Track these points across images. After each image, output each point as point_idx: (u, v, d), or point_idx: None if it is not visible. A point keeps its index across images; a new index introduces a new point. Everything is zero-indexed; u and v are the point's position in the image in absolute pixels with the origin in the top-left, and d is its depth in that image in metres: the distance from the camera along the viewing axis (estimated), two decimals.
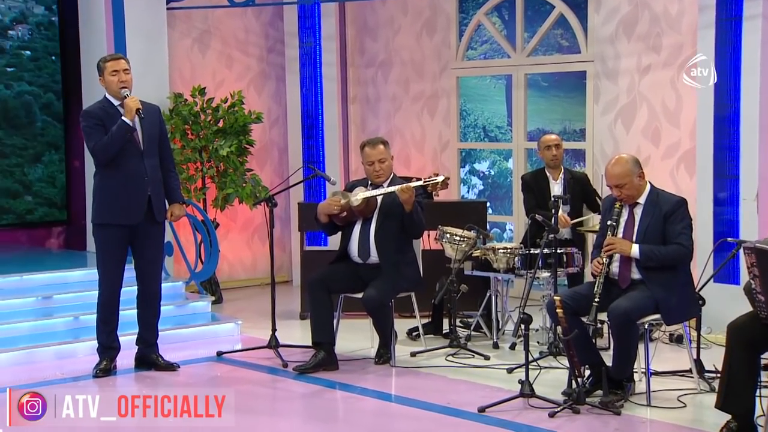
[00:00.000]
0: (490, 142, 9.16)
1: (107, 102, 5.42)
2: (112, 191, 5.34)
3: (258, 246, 9.04)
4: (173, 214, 5.61)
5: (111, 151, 5.28)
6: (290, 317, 7.27)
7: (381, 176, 5.79)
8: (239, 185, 7.87)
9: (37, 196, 8.59)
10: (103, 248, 5.40)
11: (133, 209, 5.36)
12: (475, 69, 8.54)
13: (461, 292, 6.18)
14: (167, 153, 5.61)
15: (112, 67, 5.39)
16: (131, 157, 5.35)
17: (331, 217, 5.76)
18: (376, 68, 9.05)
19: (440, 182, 5.65)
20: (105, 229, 5.37)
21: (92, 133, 5.33)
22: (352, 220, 5.79)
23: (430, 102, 8.69)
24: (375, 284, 5.61)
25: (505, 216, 8.78)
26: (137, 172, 5.36)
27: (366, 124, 9.16)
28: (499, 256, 6.17)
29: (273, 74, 9.12)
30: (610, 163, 4.94)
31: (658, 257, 4.79)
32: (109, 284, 5.42)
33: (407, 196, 5.53)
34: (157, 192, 5.45)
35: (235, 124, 7.93)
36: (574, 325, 4.79)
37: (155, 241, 5.53)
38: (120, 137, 5.28)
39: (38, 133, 8.64)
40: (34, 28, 8.61)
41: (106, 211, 5.36)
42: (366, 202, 5.67)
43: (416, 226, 5.69)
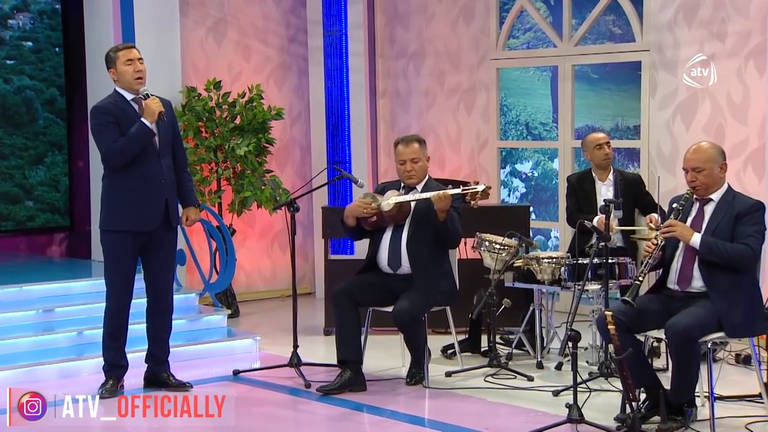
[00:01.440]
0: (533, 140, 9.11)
1: (119, 96, 5.42)
2: (127, 195, 5.35)
3: (278, 254, 9.07)
4: (189, 219, 5.63)
5: (127, 154, 5.29)
6: (313, 333, 7.27)
7: (412, 177, 5.78)
8: (258, 188, 7.90)
9: (39, 201, 8.67)
10: (113, 257, 5.41)
11: (150, 215, 5.37)
12: (517, 60, 8.51)
13: (502, 306, 6.14)
14: (180, 152, 5.62)
15: (126, 56, 5.39)
16: (148, 158, 5.36)
17: (360, 221, 5.76)
18: (408, 59, 9.05)
19: (480, 192, 5.59)
20: (116, 236, 5.39)
21: (105, 132, 5.30)
22: (382, 226, 5.78)
23: (466, 96, 8.67)
24: (407, 296, 5.59)
25: (550, 222, 8.72)
26: (154, 174, 5.37)
27: (396, 121, 9.15)
28: (543, 267, 6.13)
29: (295, 66, 9.15)
30: (691, 148, 4.97)
31: (720, 252, 4.76)
32: (118, 296, 5.45)
33: (443, 205, 5.52)
34: (172, 195, 5.48)
35: (254, 120, 7.96)
36: (627, 344, 4.75)
37: (168, 249, 5.55)
38: (139, 141, 5.29)
39: (40, 132, 8.73)
40: (36, 16, 8.70)
41: (120, 216, 5.36)
42: (399, 207, 5.66)
43: (451, 236, 5.66)
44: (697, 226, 4.93)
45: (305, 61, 9.09)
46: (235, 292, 8.21)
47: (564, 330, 5.11)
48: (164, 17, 7.90)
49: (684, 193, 5.00)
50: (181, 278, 7.53)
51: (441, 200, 5.50)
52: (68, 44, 8.71)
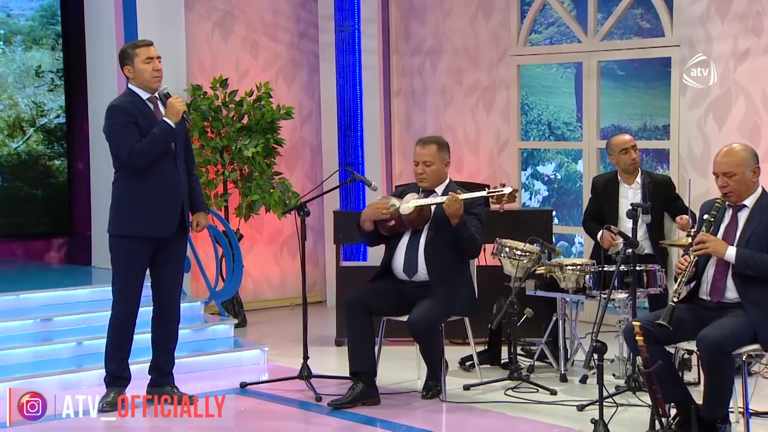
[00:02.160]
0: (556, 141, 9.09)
1: (135, 95, 5.43)
2: (144, 199, 5.36)
3: (287, 261, 9.07)
4: (199, 224, 5.65)
5: (150, 156, 5.30)
6: (324, 343, 7.28)
7: (423, 180, 5.78)
8: (266, 191, 7.91)
9: (36, 204, 8.69)
10: (124, 263, 5.42)
11: (168, 219, 5.40)
12: (539, 56, 8.49)
13: (523, 316, 6.13)
14: (190, 154, 5.65)
15: (146, 53, 5.41)
16: (165, 161, 5.39)
17: (377, 225, 5.75)
18: (424, 56, 9.04)
19: (507, 195, 5.56)
20: (129, 241, 5.40)
21: (126, 133, 5.30)
22: (400, 231, 5.77)
23: (486, 95, 8.66)
24: (423, 304, 5.59)
25: (574, 227, 8.70)
26: (172, 177, 5.40)
27: (411, 121, 9.15)
28: (567, 274, 6.12)
29: (305, 63, 9.16)
30: (721, 151, 4.93)
31: (758, 265, 4.73)
32: (127, 304, 5.46)
33: (453, 209, 5.49)
34: (186, 199, 5.51)
35: (262, 120, 7.97)
36: (656, 356, 4.73)
37: (179, 255, 5.58)
38: (163, 142, 5.31)
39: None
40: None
41: (135, 221, 5.37)
42: (419, 210, 5.66)
43: (467, 244, 5.62)
44: (731, 234, 4.89)
45: (316, 58, 9.10)
46: (243, 301, 8.22)
47: (589, 341, 5.09)
48: (168, 11, 7.92)
49: (715, 200, 4.96)
50: (185, 286, 7.52)
51: (451, 204, 5.48)
52: (67, 38, 8.73)
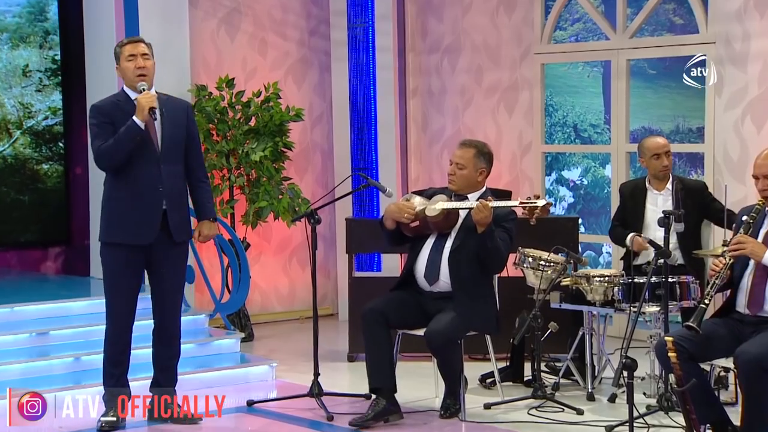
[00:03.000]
0: (582, 144, 9.07)
1: (123, 96, 5.47)
2: (121, 204, 5.39)
3: (297, 271, 9.07)
4: (201, 234, 5.63)
5: (116, 157, 5.32)
6: (336, 359, 7.27)
7: (452, 183, 5.79)
8: (274, 197, 7.91)
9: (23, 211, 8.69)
10: (111, 273, 5.45)
11: (144, 226, 5.39)
12: (564, 54, 8.48)
13: (547, 331, 6.11)
14: (198, 160, 5.64)
15: (129, 50, 5.44)
16: (145, 163, 5.39)
17: (400, 225, 5.75)
18: (442, 54, 9.04)
19: (540, 207, 5.53)
20: (113, 249, 5.42)
21: (98, 133, 5.37)
22: (425, 233, 5.77)
23: (507, 95, 8.65)
24: (442, 317, 5.58)
25: (602, 236, 8.67)
26: (151, 181, 5.39)
27: (429, 123, 9.14)
28: (594, 286, 6.10)
29: (316, 62, 9.17)
30: (762, 153, 4.96)
31: None
32: (118, 317, 5.47)
33: (481, 216, 5.49)
34: (176, 206, 5.48)
35: (270, 122, 7.99)
36: (691, 373, 4.71)
37: (175, 267, 5.56)
38: (126, 141, 5.31)
39: None
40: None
41: (115, 227, 5.40)
42: (445, 214, 5.65)
43: (491, 257, 5.59)
44: None
45: (327, 57, 9.11)
46: (249, 314, 8.23)
47: (618, 357, 5.06)
48: (171, 8, 7.94)
49: (755, 204, 4.95)
50: (189, 298, 7.55)
51: (479, 211, 5.48)
52: (65, 36, 8.76)
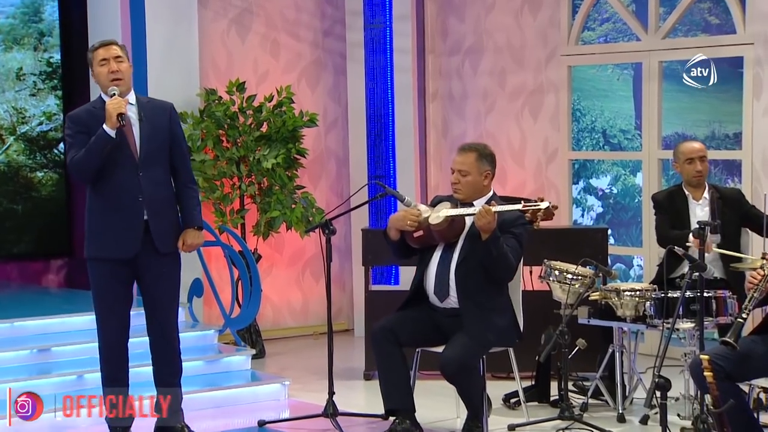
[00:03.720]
0: (612, 151, 9.05)
1: (99, 103, 5.44)
2: (101, 216, 5.38)
3: (311, 285, 9.07)
4: (185, 243, 5.54)
5: (88, 167, 5.30)
6: (352, 377, 7.28)
7: (457, 191, 5.74)
8: (287, 207, 7.92)
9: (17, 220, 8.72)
10: (97, 289, 5.45)
11: (125, 238, 5.37)
12: (592, 56, 8.46)
13: (575, 348, 6.09)
14: (183, 163, 5.58)
15: (101, 55, 5.41)
16: (123, 172, 5.36)
17: (404, 235, 5.73)
18: (463, 56, 9.04)
19: (542, 210, 5.47)
20: (98, 264, 5.41)
21: (73, 143, 5.36)
22: (431, 244, 5.74)
23: (532, 99, 8.64)
24: (455, 341, 5.52)
25: (632, 247, 8.64)
26: (130, 190, 5.36)
27: (449, 128, 9.13)
28: (624, 301, 6.08)
29: (330, 64, 9.18)
30: None
31: None
32: (107, 333, 5.47)
33: (484, 222, 5.43)
34: (159, 214, 5.43)
35: (283, 128, 7.99)
36: (728, 394, 4.68)
37: (165, 279, 5.51)
38: (97, 152, 5.27)
39: None
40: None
41: (96, 241, 5.39)
42: (449, 222, 5.61)
43: (497, 263, 5.53)
44: None
45: (343, 59, 9.12)
46: (261, 329, 8.23)
47: (650, 377, 5.04)
48: (180, 8, 7.97)
49: None
50: (197, 312, 7.56)
51: (482, 216, 5.42)
52: (67, 38, 8.79)
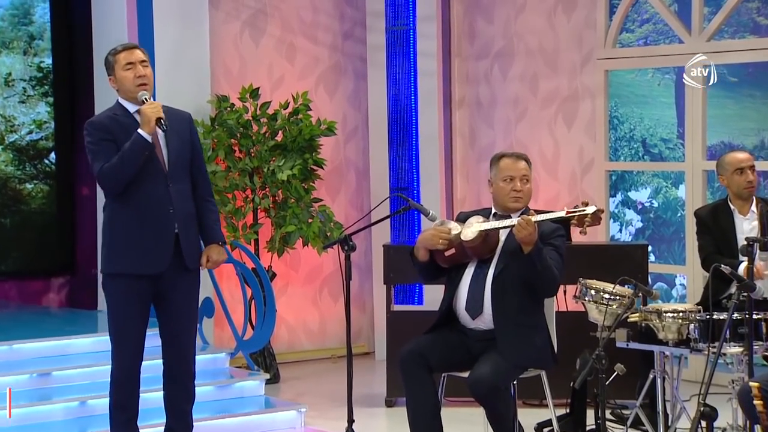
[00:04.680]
0: (652, 161, 9.02)
1: (121, 109, 5.48)
2: (127, 229, 5.39)
3: (328, 305, 9.07)
4: (210, 259, 5.61)
5: (123, 176, 5.33)
6: (372, 403, 7.28)
7: (520, 201, 5.70)
8: (303, 221, 7.92)
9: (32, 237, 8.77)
10: (116, 307, 5.45)
11: (155, 253, 5.39)
12: (631, 59, 8.45)
13: (613, 373, 6.06)
14: (202, 176, 5.64)
15: (126, 58, 5.44)
16: (152, 183, 5.40)
17: (434, 255, 5.72)
18: (492, 60, 9.03)
19: (590, 215, 5.50)
20: (118, 280, 5.43)
21: (99, 152, 5.36)
22: (463, 262, 5.73)
23: (566, 106, 8.62)
24: (486, 359, 5.51)
25: (675, 265, 8.61)
26: (160, 201, 5.40)
27: (477, 137, 9.13)
28: (666, 323, 6.05)
29: (350, 69, 9.20)
30: None
31: None
32: (125, 356, 5.47)
33: (525, 234, 5.41)
34: (187, 229, 5.48)
35: (299, 137, 8.01)
36: None
37: (187, 297, 5.56)
38: (135, 158, 5.31)
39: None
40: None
41: (120, 256, 5.40)
42: (483, 237, 5.60)
43: (540, 279, 5.54)
44: None
45: (363, 63, 9.14)
46: (275, 352, 8.23)
47: (695, 405, 5.00)
48: (190, 9, 8.00)
49: None
50: (207, 334, 7.56)
51: (523, 228, 5.40)
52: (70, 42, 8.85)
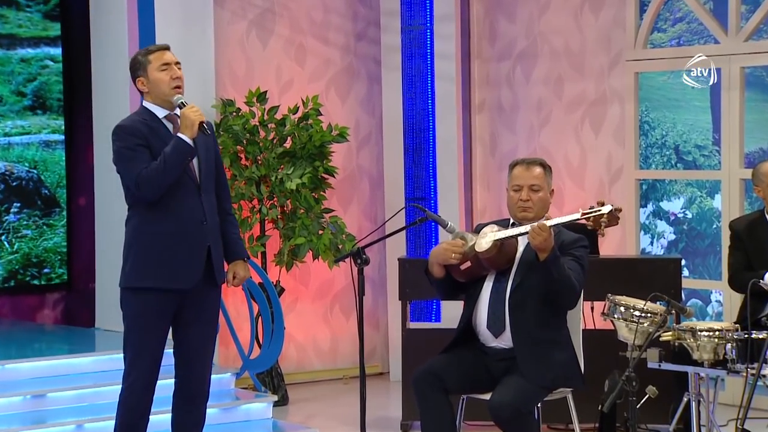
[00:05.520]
0: (685, 169, 9.00)
1: (148, 114, 5.46)
2: (160, 241, 5.37)
3: (340, 322, 9.07)
4: (237, 276, 5.62)
5: (165, 182, 5.31)
6: (387, 427, 7.28)
7: (528, 211, 5.68)
8: (314, 233, 7.93)
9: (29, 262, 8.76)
10: (138, 324, 5.42)
11: (187, 267, 5.39)
12: (663, 61, 8.43)
13: (645, 396, 6.04)
14: (224, 188, 5.66)
15: (161, 59, 5.44)
16: (184, 192, 5.39)
17: (449, 270, 5.71)
18: (514, 61, 9.03)
19: (606, 214, 5.49)
20: (145, 295, 5.40)
21: (134, 157, 5.32)
22: (480, 275, 5.72)
23: (594, 110, 8.61)
24: (508, 381, 5.50)
25: (710, 281, 8.59)
26: (193, 213, 5.40)
27: (498, 143, 9.12)
28: (701, 342, 6.03)
29: (363, 72, 9.20)
30: None
31: None
32: (143, 375, 5.45)
33: (540, 241, 5.39)
34: (216, 242, 5.50)
35: (309, 144, 8.01)
36: None
37: (210, 314, 5.55)
38: (178, 163, 5.30)
39: None
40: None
41: (149, 270, 5.38)
42: (498, 246, 5.58)
43: (559, 287, 5.52)
44: None
45: (377, 65, 9.14)
46: (283, 372, 8.22)
47: (732, 430, 4.97)
48: (193, 8, 8.00)
49: None
50: None
51: (537, 234, 5.37)
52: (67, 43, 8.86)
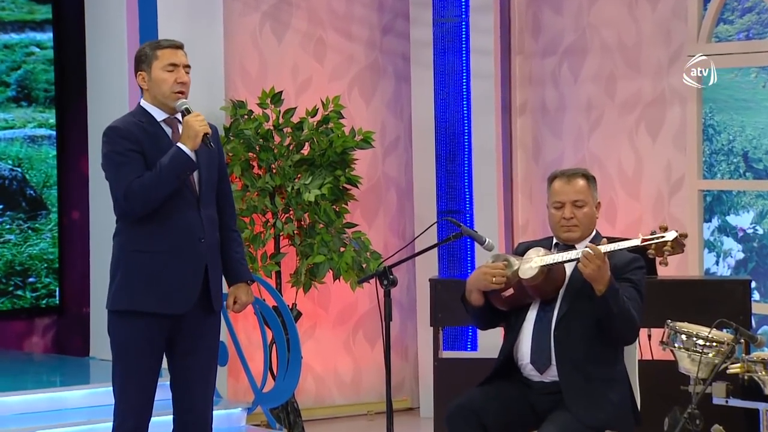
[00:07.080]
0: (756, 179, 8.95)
1: (145, 115, 5.44)
2: (153, 260, 5.37)
3: (364, 350, 9.06)
4: (238, 301, 5.61)
5: (157, 196, 5.29)
6: None
7: (573, 230, 5.66)
8: (334, 250, 7.93)
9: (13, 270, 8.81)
10: (126, 353, 5.42)
11: (181, 289, 5.37)
12: (730, 56, 8.39)
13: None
14: (228, 201, 5.65)
15: (169, 57, 5.42)
16: (182, 207, 5.37)
17: (489, 297, 5.71)
18: (560, 57, 9.03)
19: (670, 242, 5.48)
20: (133, 321, 5.39)
21: (125, 163, 5.31)
22: (524, 304, 5.71)
23: (650, 112, 8.60)
24: (554, 420, 5.48)
25: None
26: (191, 229, 5.38)
27: (542, 149, 9.11)
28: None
29: (390, 69, 9.21)
30: None
31: None
32: (132, 410, 5.44)
33: (593, 269, 5.36)
34: (215, 262, 5.48)
35: (329, 150, 8.02)
36: None
37: (209, 343, 5.54)
38: (175, 176, 5.28)
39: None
40: None
41: (137, 291, 5.37)
42: (545, 272, 5.58)
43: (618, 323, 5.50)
44: None
45: (406, 62, 9.15)
46: (300, 407, 8.22)
47: None
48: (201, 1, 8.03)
49: None
50: (221, 386, 7.56)
51: (590, 261, 5.35)
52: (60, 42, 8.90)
